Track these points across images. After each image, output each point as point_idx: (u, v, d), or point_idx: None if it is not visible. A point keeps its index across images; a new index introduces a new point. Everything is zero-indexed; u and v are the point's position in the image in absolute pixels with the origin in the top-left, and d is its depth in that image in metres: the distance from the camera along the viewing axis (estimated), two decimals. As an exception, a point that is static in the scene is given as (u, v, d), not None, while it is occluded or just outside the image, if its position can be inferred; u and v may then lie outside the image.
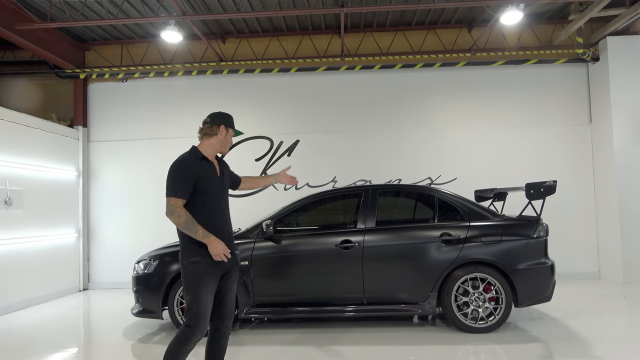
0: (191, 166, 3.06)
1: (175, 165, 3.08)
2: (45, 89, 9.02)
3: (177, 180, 3.02)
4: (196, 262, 2.99)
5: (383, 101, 8.61)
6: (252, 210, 7.95)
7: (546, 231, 4.97)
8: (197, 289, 2.95)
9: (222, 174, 3.26)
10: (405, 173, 8.37)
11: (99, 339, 5.37)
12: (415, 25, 8.63)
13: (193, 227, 2.96)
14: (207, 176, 3.11)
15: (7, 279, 6.63)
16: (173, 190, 3.00)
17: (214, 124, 3.24)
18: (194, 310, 2.93)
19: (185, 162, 3.09)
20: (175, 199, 2.98)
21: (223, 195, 3.25)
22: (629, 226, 7.56)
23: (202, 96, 8.73)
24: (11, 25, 6.98)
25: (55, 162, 7.89)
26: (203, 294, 2.95)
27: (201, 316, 2.93)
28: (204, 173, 3.09)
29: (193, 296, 2.95)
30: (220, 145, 3.25)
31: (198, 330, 2.93)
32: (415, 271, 4.91)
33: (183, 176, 3.01)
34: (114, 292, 8.13)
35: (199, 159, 3.13)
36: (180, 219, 2.95)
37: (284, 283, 5.02)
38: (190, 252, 3.02)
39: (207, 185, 3.08)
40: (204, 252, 2.99)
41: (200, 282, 2.97)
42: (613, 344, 4.53)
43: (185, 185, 3.00)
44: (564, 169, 8.28)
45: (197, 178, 3.03)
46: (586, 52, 8.15)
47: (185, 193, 3.00)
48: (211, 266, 3.01)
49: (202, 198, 3.06)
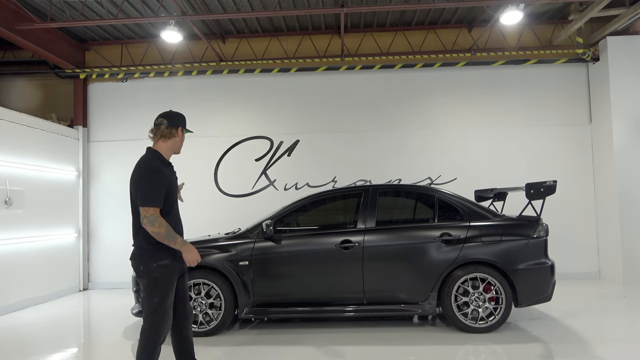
0: (164, 173, 3.02)
1: (148, 172, 2.98)
2: (45, 89, 9.02)
3: (155, 189, 2.94)
4: (165, 265, 2.98)
5: (383, 101, 8.61)
6: (251, 210, 7.98)
7: (546, 231, 4.97)
8: (165, 291, 2.97)
9: (176, 179, 3.26)
10: (405, 173, 8.37)
11: (99, 339, 5.38)
12: (415, 25, 8.63)
13: (173, 236, 2.96)
14: (173, 183, 3.12)
15: (7, 279, 6.63)
16: (152, 200, 2.91)
17: (172, 126, 3.15)
18: (160, 311, 2.94)
19: (159, 169, 3.01)
20: (155, 209, 2.91)
21: (177, 199, 3.26)
22: (629, 226, 7.56)
23: (202, 96, 8.74)
24: (11, 25, 6.98)
25: (55, 162, 7.89)
26: (169, 296, 2.99)
27: (167, 316, 2.98)
28: (172, 180, 3.11)
29: (160, 298, 2.95)
30: (177, 147, 3.21)
31: (164, 331, 2.97)
32: (415, 271, 4.91)
33: (159, 185, 2.96)
34: (114, 292, 8.13)
35: (165, 165, 3.09)
36: (162, 229, 2.90)
37: (284, 283, 5.02)
38: (159, 255, 2.98)
39: (174, 192, 3.12)
40: (171, 256, 3.00)
41: (170, 284, 3.00)
42: (613, 344, 4.54)
43: (162, 194, 2.96)
44: (564, 169, 8.28)
45: (167, 185, 3.01)
46: (586, 52, 8.15)
47: (162, 202, 2.97)
48: (175, 269, 3.06)
49: (169, 205, 3.06)
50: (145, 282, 2.97)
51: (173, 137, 3.15)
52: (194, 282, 4.91)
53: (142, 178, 2.97)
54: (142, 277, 2.98)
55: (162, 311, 2.95)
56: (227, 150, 8.67)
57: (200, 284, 4.93)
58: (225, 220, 7.90)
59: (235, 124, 8.74)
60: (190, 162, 7.87)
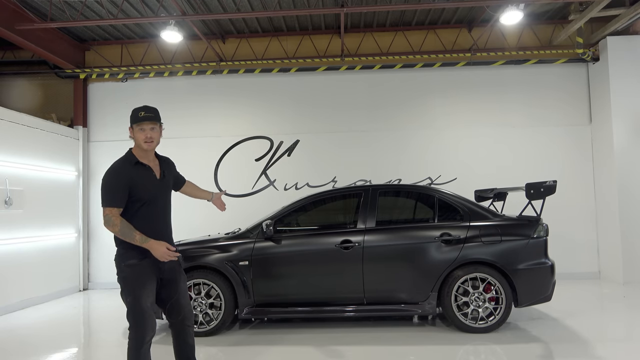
0: (124, 173, 2.98)
1: (107, 173, 3.00)
2: (45, 89, 9.02)
3: (111, 190, 2.95)
4: (133, 265, 2.96)
5: (383, 101, 8.61)
6: (251, 210, 7.97)
7: (546, 231, 4.97)
8: (137, 292, 2.92)
9: (163, 176, 3.15)
10: (405, 173, 8.37)
11: (99, 339, 5.38)
12: (415, 25, 8.63)
13: (130, 233, 2.90)
14: (143, 182, 3.01)
15: (7, 279, 6.63)
16: (106, 200, 2.94)
17: (130, 127, 3.11)
18: (136, 311, 2.91)
19: (117, 170, 3.00)
20: (110, 209, 2.92)
21: (164, 197, 3.16)
22: (629, 226, 7.56)
23: (202, 96, 8.74)
24: (11, 25, 6.98)
25: (55, 162, 7.89)
26: (144, 297, 2.92)
27: (146, 316, 2.91)
28: (138, 179, 2.99)
29: (133, 298, 2.92)
30: (138, 144, 3.07)
31: (147, 330, 2.92)
32: (415, 271, 4.91)
33: (116, 185, 2.95)
34: (114, 292, 8.07)
35: (132, 164, 3.04)
36: (116, 228, 2.90)
37: (284, 283, 5.02)
38: (126, 255, 2.98)
39: (142, 191, 2.99)
40: (140, 255, 2.95)
41: (140, 284, 2.94)
42: (613, 344, 4.54)
43: (119, 194, 2.93)
44: (564, 169, 8.28)
45: (130, 185, 2.95)
46: (586, 52, 8.15)
47: (120, 202, 2.93)
48: (148, 268, 2.98)
49: (138, 205, 2.99)
50: (119, 281, 3.02)
51: (132, 138, 3.11)
52: (194, 282, 4.91)
53: (102, 179, 3.02)
54: (117, 277, 3.03)
55: (138, 311, 2.90)
56: (227, 150, 8.67)
57: (200, 284, 4.93)
58: (225, 220, 7.88)
59: (235, 124, 8.74)
60: (190, 162, 7.86)
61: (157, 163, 3.17)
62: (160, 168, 3.16)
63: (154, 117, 3.08)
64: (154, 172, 3.10)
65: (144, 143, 3.03)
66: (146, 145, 3.04)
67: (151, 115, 3.07)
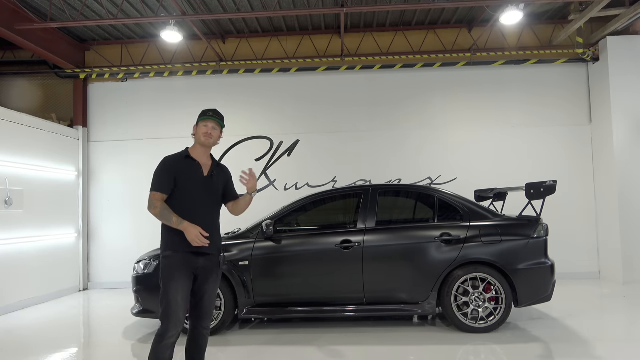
0: (172, 163, 3.18)
1: (160, 162, 3.20)
2: (45, 89, 9.02)
3: (157, 175, 3.15)
4: (168, 256, 3.07)
5: (383, 101, 8.61)
6: (251, 210, 7.92)
7: (546, 231, 4.97)
8: (167, 283, 3.00)
9: (210, 176, 3.26)
10: (405, 173, 8.37)
11: (99, 339, 5.38)
12: (415, 25, 8.63)
13: (168, 215, 3.04)
14: (189, 174, 3.16)
15: (7, 279, 6.63)
16: (153, 185, 3.14)
17: (195, 125, 3.31)
18: (164, 304, 2.98)
19: (168, 159, 3.21)
20: (154, 193, 3.10)
21: (209, 195, 3.23)
22: (629, 226, 7.55)
23: (202, 96, 8.73)
24: (11, 25, 6.98)
25: (55, 162, 7.89)
26: (172, 289, 2.98)
27: (171, 310, 2.95)
28: (185, 170, 3.16)
29: (163, 289, 3.01)
30: (198, 139, 3.25)
31: (170, 325, 2.95)
32: (415, 271, 4.91)
33: (163, 172, 3.14)
34: (114, 292, 8.13)
35: (183, 157, 3.22)
36: (157, 210, 3.05)
37: (284, 283, 5.01)
38: (164, 246, 3.12)
39: (187, 181, 3.14)
40: (175, 247, 3.06)
41: (171, 276, 3.01)
42: (613, 344, 4.53)
43: (165, 181, 3.11)
44: (564, 169, 8.27)
45: (176, 175, 3.12)
46: (586, 52, 8.15)
47: (165, 188, 3.10)
48: (182, 261, 3.05)
49: (181, 194, 3.12)
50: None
51: (194, 134, 3.29)
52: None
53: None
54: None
55: (165, 302, 2.97)
56: (227, 150, 8.68)
57: (200, 284, 4.93)
58: (225, 220, 7.88)
59: (235, 124, 8.70)
60: (190, 162, 7.86)
61: (209, 163, 3.29)
62: (211, 168, 3.28)
63: (220, 119, 3.29)
64: (202, 168, 3.23)
65: (203, 135, 3.20)
66: (204, 138, 3.20)
67: (218, 118, 3.28)
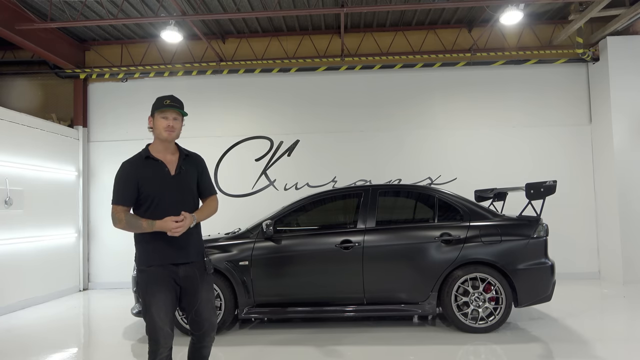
0: (131, 169, 2.81)
1: (118, 169, 2.84)
2: (45, 89, 9.02)
3: (117, 187, 2.80)
4: (142, 270, 2.81)
5: (383, 101, 8.61)
6: (251, 210, 7.96)
7: (546, 231, 4.97)
8: (146, 300, 2.75)
9: (179, 172, 2.87)
10: (405, 173, 8.37)
11: (99, 339, 5.38)
12: (415, 25, 8.63)
13: (136, 222, 2.72)
14: (152, 177, 2.80)
15: (7, 279, 6.63)
16: (113, 198, 2.80)
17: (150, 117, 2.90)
18: (147, 320, 2.73)
19: (125, 166, 2.84)
20: (115, 206, 2.77)
21: (182, 194, 2.86)
22: (629, 226, 7.55)
23: (202, 96, 8.73)
24: (11, 25, 6.98)
25: (55, 162, 7.89)
26: (153, 306, 2.71)
27: (156, 326, 2.69)
28: (147, 174, 2.80)
29: (143, 306, 2.77)
30: (157, 135, 2.85)
31: (158, 342, 2.70)
32: (415, 271, 4.91)
33: (121, 182, 2.79)
34: (114, 292, 8.13)
35: (143, 159, 2.84)
36: (122, 223, 2.74)
37: (284, 283, 5.01)
38: (138, 260, 2.85)
39: (150, 186, 2.78)
40: (148, 261, 2.79)
41: (149, 292, 2.75)
42: (613, 344, 4.53)
43: (126, 191, 2.77)
44: (564, 169, 8.28)
45: (138, 181, 2.77)
46: (586, 52, 8.15)
47: (127, 200, 2.77)
48: (159, 275, 2.77)
49: (148, 201, 2.79)
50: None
51: (151, 128, 2.91)
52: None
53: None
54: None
55: (149, 320, 2.73)
56: (227, 150, 8.68)
57: (200, 284, 4.93)
58: (225, 220, 7.89)
59: (235, 124, 8.74)
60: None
61: (175, 158, 2.90)
62: (178, 163, 2.89)
63: (179, 107, 2.85)
64: (167, 167, 2.85)
65: (164, 130, 2.80)
66: (166, 133, 2.80)
67: (176, 105, 2.84)
